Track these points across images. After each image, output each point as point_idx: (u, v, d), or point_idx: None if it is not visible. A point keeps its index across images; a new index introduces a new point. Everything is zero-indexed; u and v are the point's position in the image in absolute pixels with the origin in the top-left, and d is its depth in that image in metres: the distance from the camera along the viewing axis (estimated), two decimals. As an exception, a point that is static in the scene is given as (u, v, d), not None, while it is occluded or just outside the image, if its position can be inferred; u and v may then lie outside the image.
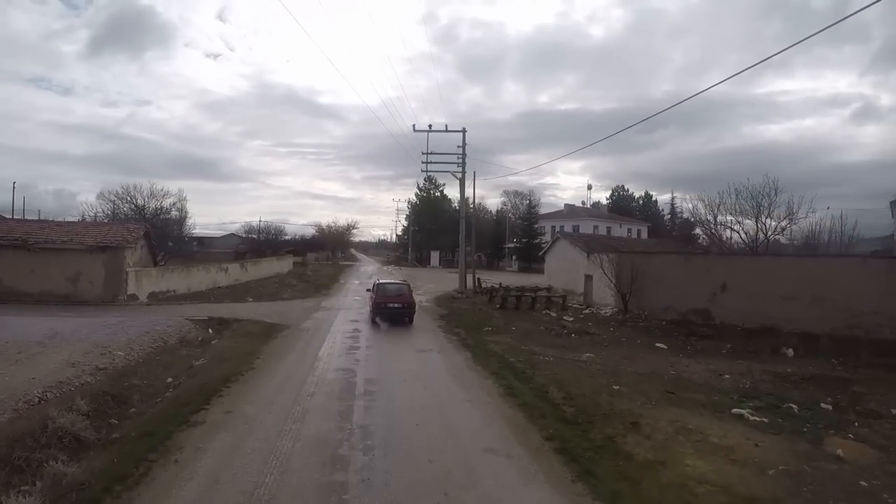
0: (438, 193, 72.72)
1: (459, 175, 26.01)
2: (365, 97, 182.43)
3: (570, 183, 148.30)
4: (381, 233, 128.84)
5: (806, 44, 67.02)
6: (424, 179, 71.68)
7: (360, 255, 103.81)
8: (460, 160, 25.91)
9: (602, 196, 77.68)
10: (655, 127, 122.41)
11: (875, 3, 7.96)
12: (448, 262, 66.60)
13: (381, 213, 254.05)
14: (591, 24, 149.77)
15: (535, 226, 59.17)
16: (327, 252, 74.03)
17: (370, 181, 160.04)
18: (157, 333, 14.82)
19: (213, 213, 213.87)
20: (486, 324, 17.59)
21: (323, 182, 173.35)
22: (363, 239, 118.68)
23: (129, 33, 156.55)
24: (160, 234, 29.63)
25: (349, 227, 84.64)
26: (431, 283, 34.32)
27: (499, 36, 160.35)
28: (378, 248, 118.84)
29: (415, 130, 25.92)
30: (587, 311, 21.63)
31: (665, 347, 15.81)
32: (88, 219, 32.15)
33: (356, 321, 17.83)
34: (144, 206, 31.99)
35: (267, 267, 37.75)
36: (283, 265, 42.66)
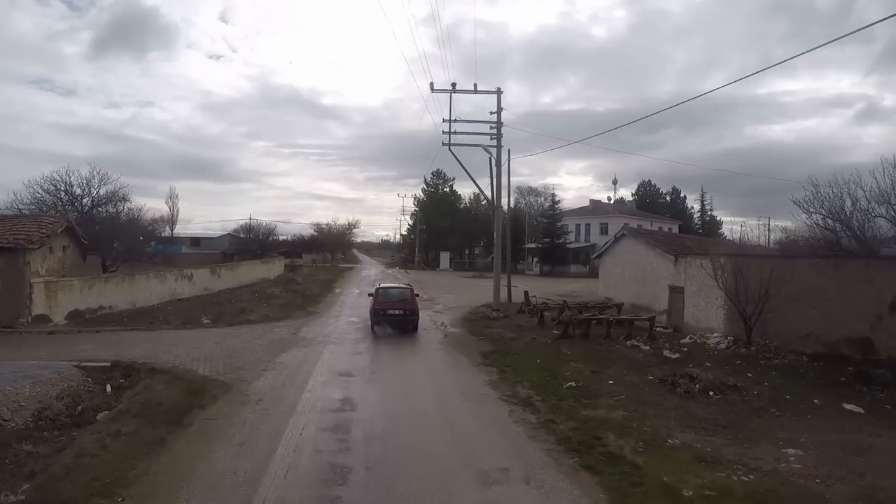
0: (448, 189, 65.94)
1: (494, 148, 19.08)
2: (368, 97, 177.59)
3: (572, 183, 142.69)
4: (385, 233, 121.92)
5: (809, 44, 61.53)
6: (432, 174, 65.15)
7: (362, 257, 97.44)
8: (494, 129, 19.12)
9: (614, 195, 71.71)
10: (657, 127, 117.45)
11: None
12: (459, 265, 60.50)
13: (385, 214, 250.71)
14: (594, 25, 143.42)
15: (559, 224, 52.45)
16: (326, 253, 67.39)
17: (373, 182, 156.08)
18: (-2, 402, 8.32)
19: (215, 214, 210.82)
20: (560, 372, 10.94)
21: (326, 183, 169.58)
22: (366, 239, 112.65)
23: (132, 35, 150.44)
24: (99, 232, 22.79)
25: (350, 227, 77.60)
26: (450, 294, 27.32)
27: (502, 36, 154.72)
28: (381, 249, 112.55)
29: (433, 91, 19.17)
30: (687, 340, 15.01)
31: (861, 411, 9.76)
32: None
33: (349, 376, 10.67)
34: (81, 195, 24.97)
35: (248, 272, 31.15)
36: (270, 269, 36.07)
